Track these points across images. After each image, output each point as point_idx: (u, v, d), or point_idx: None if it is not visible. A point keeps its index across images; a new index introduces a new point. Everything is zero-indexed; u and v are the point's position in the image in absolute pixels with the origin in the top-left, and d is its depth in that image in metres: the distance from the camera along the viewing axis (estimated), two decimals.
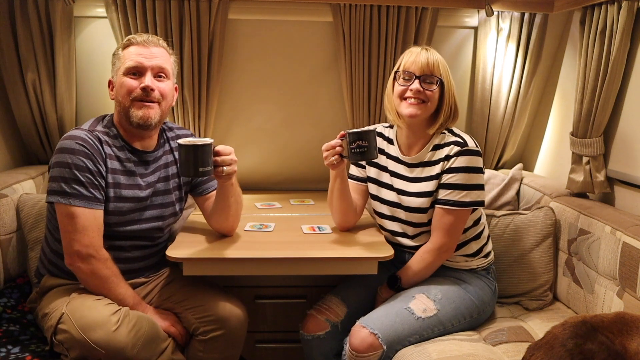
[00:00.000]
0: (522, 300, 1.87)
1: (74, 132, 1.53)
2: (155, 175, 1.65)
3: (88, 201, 1.47)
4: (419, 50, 1.64)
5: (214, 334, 1.58)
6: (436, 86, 1.62)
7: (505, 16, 2.14)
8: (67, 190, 1.46)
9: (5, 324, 1.61)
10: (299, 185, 2.40)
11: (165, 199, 1.66)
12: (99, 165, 1.50)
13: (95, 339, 1.35)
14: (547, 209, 1.89)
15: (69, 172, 1.46)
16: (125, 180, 1.57)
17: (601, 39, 1.78)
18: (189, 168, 1.44)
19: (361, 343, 1.51)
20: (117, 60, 1.59)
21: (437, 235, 1.65)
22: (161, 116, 1.59)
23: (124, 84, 1.55)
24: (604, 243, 1.64)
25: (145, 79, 1.54)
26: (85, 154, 1.48)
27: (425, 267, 1.67)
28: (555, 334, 1.24)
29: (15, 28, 1.99)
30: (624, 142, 1.83)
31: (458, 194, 1.61)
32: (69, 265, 1.49)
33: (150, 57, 1.56)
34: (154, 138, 1.66)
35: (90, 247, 1.46)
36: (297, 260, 1.57)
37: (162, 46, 1.61)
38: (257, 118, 2.29)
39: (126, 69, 1.55)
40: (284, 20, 2.14)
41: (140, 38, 1.58)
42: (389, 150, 1.77)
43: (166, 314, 1.60)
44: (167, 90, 1.59)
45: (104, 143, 1.54)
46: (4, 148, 2.10)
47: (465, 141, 1.63)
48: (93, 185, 1.49)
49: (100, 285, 1.48)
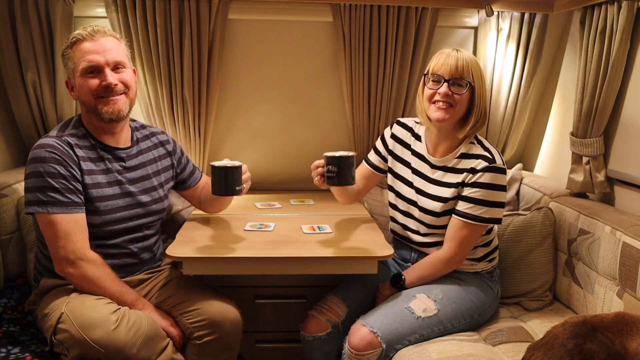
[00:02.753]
0: (522, 300, 1.87)
1: (42, 141, 1.51)
2: (137, 172, 1.65)
3: (66, 206, 1.47)
4: (450, 52, 1.60)
5: (207, 339, 1.57)
6: (466, 90, 1.59)
7: (505, 16, 2.14)
8: (43, 199, 1.45)
9: (5, 324, 1.61)
10: (299, 185, 2.40)
11: (152, 195, 1.67)
12: (71, 169, 1.49)
13: (94, 338, 1.35)
14: (547, 209, 1.89)
15: (43, 181, 1.46)
16: (104, 179, 1.57)
17: (601, 39, 1.78)
18: (226, 188, 1.56)
19: (360, 341, 1.51)
20: (69, 60, 1.55)
21: (450, 246, 1.65)
22: (130, 104, 1.59)
23: (84, 84, 1.52)
24: (604, 243, 1.64)
25: (105, 75, 1.52)
26: (56, 160, 1.47)
27: (433, 273, 1.67)
28: (555, 334, 1.24)
29: (15, 28, 1.98)
30: (624, 142, 1.83)
31: (479, 209, 1.60)
32: (59, 272, 1.49)
33: (103, 51, 1.52)
34: (126, 130, 1.65)
35: (76, 251, 1.46)
36: (297, 260, 1.57)
37: (111, 35, 1.57)
38: (257, 118, 2.29)
39: (82, 70, 1.52)
40: (284, 20, 2.14)
41: (85, 32, 1.53)
42: (415, 147, 1.76)
43: (165, 314, 1.60)
44: (128, 79, 1.57)
45: (75, 146, 1.53)
46: (4, 148, 2.10)
47: (493, 157, 1.61)
48: (68, 190, 1.48)
49: (94, 287, 1.48)
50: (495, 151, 1.64)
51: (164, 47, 2.03)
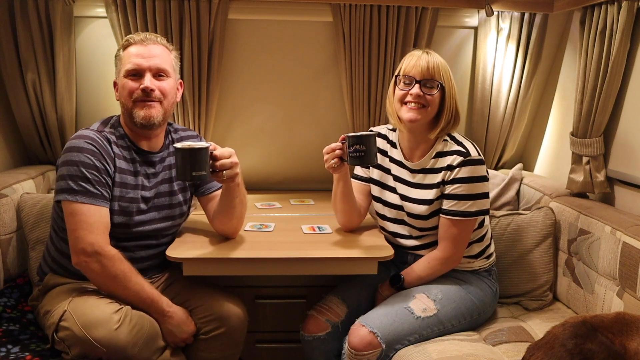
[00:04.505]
0: (522, 300, 1.87)
1: (82, 132, 1.54)
2: (160, 176, 1.65)
3: (95, 198, 1.48)
4: (420, 54, 1.62)
5: (214, 333, 1.58)
6: (437, 90, 1.61)
7: (505, 16, 2.14)
8: (74, 187, 1.46)
9: (5, 323, 1.61)
10: (299, 185, 2.40)
11: (172, 199, 1.67)
12: (106, 163, 1.51)
13: (96, 337, 1.35)
14: (547, 209, 1.89)
15: (76, 170, 1.47)
16: (131, 181, 1.58)
17: (601, 39, 1.78)
18: (184, 172, 1.42)
19: (360, 341, 1.51)
20: (119, 61, 1.60)
21: (444, 245, 1.65)
22: (164, 114, 1.60)
23: (125, 86, 1.56)
24: (604, 243, 1.64)
25: (144, 80, 1.55)
26: (92, 151, 1.50)
27: (432, 273, 1.68)
28: (555, 334, 1.24)
29: (15, 28, 1.98)
30: (624, 142, 1.83)
31: (463, 204, 1.60)
32: (76, 265, 1.47)
33: (149, 56, 1.56)
34: (160, 137, 1.67)
35: (95, 244, 1.44)
36: (297, 260, 1.57)
37: (161, 43, 1.61)
38: (257, 118, 2.29)
39: (126, 71, 1.56)
40: (284, 20, 2.14)
41: (138, 37, 1.58)
42: (392, 154, 1.77)
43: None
44: (167, 88, 1.59)
45: (113, 143, 1.56)
46: (4, 148, 2.10)
47: (467, 150, 1.61)
48: (100, 183, 1.49)
49: (110, 284, 1.47)
50: (469, 144, 1.64)
51: None
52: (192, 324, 1.57)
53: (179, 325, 1.53)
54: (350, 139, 1.56)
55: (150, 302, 1.49)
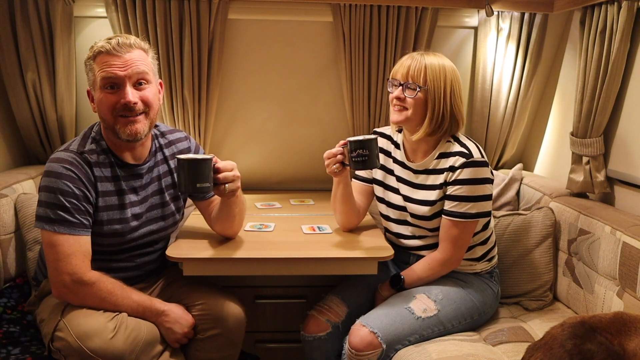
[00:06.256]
0: (522, 300, 1.87)
1: (61, 155, 1.45)
2: (150, 188, 1.58)
3: (73, 227, 1.41)
4: (414, 55, 1.62)
5: (212, 333, 1.56)
6: (416, 93, 1.58)
7: (505, 16, 2.14)
8: (52, 216, 1.40)
9: (5, 324, 1.61)
10: (299, 185, 2.40)
11: (164, 211, 1.62)
12: (86, 190, 1.43)
13: (92, 347, 1.32)
14: (547, 209, 1.89)
15: (54, 198, 1.40)
16: (117, 201, 1.51)
17: (601, 39, 1.78)
18: (187, 184, 1.39)
19: (360, 341, 1.51)
20: (90, 71, 1.46)
21: (445, 246, 1.65)
22: (150, 125, 1.50)
23: (103, 100, 1.43)
24: (604, 243, 1.64)
25: (125, 92, 1.42)
26: (71, 178, 1.41)
27: (432, 275, 1.67)
28: (554, 335, 1.24)
29: (15, 28, 1.99)
30: (624, 142, 1.83)
31: (464, 205, 1.60)
32: (58, 298, 1.43)
33: (125, 65, 1.42)
34: (147, 145, 1.57)
35: (73, 274, 1.39)
36: (297, 260, 1.57)
37: (137, 47, 1.46)
38: (257, 118, 2.30)
39: (101, 84, 1.43)
40: (284, 20, 2.14)
41: (109, 45, 1.41)
42: (396, 155, 1.76)
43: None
44: (150, 97, 1.47)
45: (94, 165, 1.47)
46: (4, 148, 2.10)
47: (470, 152, 1.60)
48: (79, 210, 1.42)
49: (99, 305, 1.42)
50: (472, 145, 1.63)
51: (164, 47, 2.03)
52: (189, 316, 1.53)
53: (177, 320, 1.50)
54: (353, 144, 1.55)
55: (144, 310, 1.46)
